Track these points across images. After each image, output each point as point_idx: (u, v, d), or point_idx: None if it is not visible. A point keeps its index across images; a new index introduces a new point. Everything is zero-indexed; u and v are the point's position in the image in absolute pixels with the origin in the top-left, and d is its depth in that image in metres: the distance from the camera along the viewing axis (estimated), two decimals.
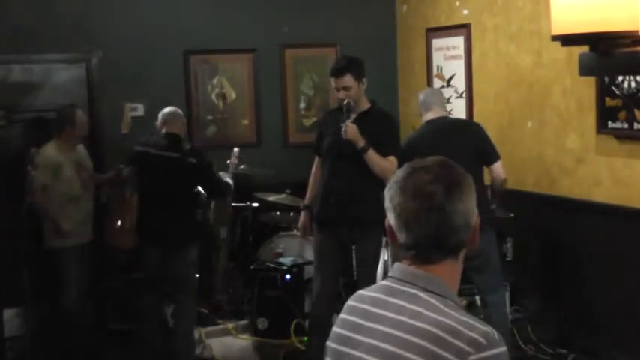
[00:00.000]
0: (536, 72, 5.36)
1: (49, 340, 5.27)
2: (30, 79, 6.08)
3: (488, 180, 4.79)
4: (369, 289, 1.69)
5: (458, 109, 6.10)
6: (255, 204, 6.09)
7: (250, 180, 6.09)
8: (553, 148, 5.25)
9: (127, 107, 6.16)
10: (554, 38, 1.95)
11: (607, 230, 4.83)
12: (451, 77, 6.28)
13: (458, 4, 6.15)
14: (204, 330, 5.57)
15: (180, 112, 5.13)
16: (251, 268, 5.65)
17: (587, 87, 4.86)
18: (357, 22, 6.89)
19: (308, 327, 5.01)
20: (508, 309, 5.09)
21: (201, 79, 6.58)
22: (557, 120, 5.20)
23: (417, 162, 1.65)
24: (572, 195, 5.09)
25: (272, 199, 6.07)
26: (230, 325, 5.69)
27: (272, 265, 5.58)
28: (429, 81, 6.52)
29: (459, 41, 6.14)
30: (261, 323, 5.43)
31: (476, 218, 1.64)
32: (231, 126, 6.66)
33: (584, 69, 2.01)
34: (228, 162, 5.83)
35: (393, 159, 4.48)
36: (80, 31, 6.14)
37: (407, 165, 1.66)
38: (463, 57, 6.10)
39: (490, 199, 4.87)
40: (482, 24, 5.89)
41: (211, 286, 5.91)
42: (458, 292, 1.65)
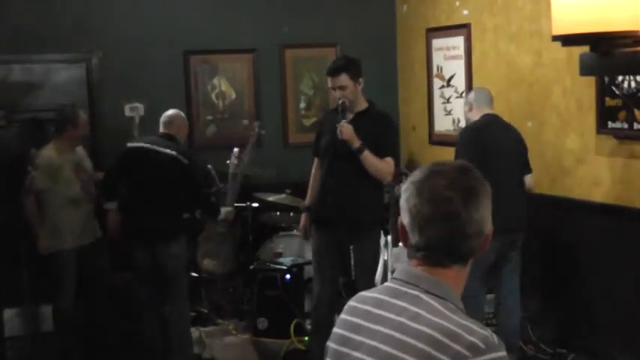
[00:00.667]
0: (536, 72, 5.36)
1: (49, 340, 5.27)
2: (30, 79, 6.07)
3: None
4: (372, 290, 1.68)
5: (458, 109, 6.09)
6: (255, 204, 6.08)
7: (250, 180, 6.08)
8: (553, 148, 5.25)
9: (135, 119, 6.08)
10: (555, 38, 1.96)
11: (607, 230, 4.83)
12: (451, 77, 6.28)
13: (458, 4, 6.15)
14: (204, 330, 5.57)
15: (181, 114, 5.11)
16: (251, 268, 5.65)
17: (587, 87, 4.86)
18: (357, 22, 6.88)
19: (310, 328, 5.01)
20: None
21: (201, 79, 6.58)
22: (557, 120, 5.20)
23: (435, 164, 1.63)
24: (572, 195, 5.09)
25: (272, 199, 6.06)
26: (230, 325, 5.69)
27: (272, 265, 5.57)
28: (429, 81, 6.52)
29: (459, 41, 6.14)
30: (261, 323, 5.42)
31: (489, 226, 1.62)
32: (231, 126, 6.66)
33: (585, 69, 2.02)
34: (228, 162, 5.83)
35: (390, 160, 4.46)
36: (80, 31, 6.14)
37: (425, 166, 1.64)
38: (463, 57, 6.10)
39: None
40: (482, 24, 5.89)
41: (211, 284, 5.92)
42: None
